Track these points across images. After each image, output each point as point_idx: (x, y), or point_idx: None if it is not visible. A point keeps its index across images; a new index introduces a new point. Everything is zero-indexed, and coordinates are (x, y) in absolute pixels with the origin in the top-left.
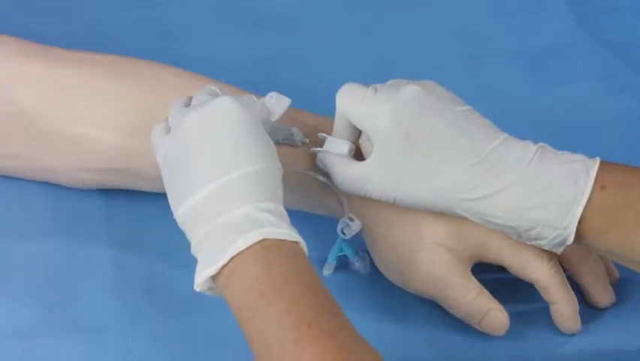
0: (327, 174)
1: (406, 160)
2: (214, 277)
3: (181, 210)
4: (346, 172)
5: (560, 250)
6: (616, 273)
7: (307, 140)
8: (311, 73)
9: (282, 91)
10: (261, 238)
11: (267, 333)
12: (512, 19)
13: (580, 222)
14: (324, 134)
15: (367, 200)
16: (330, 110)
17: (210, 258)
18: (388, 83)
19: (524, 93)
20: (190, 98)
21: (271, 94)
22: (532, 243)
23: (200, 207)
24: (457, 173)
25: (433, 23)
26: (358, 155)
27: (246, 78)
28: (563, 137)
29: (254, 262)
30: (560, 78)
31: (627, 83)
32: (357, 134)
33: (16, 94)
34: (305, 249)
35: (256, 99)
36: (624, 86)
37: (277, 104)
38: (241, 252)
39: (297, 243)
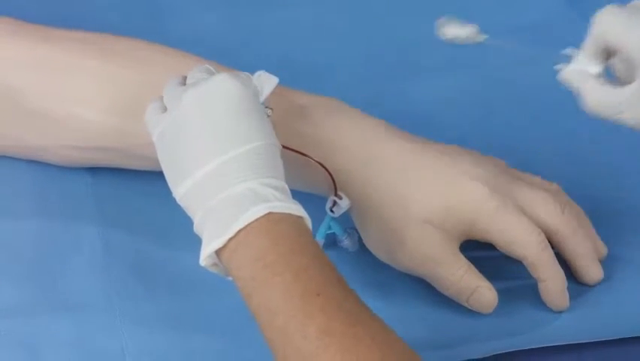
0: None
1: None
2: (219, 253)
3: (182, 187)
4: (601, 95)
5: None
6: (604, 249)
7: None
8: (298, 51)
9: (269, 69)
10: (267, 212)
11: (273, 303)
12: None
13: None
14: (571, 49)
15: (357, 178)
16: (319, 88)
17: (216, 231)
18: None
19: (512, 69)
20: (184, 78)
21: (259, 73)
22: None
23: (204, 183)
24: None
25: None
26: None
27: (232, 56)
28: (550, 115)
29: (261, 234)
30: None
31: None
32: (605, 60)
33: (4, 72)
34: (309, 224)
35: (251, 76)
36: None
37: (265, 82)
38: (248, 225)
39: (301, 218)
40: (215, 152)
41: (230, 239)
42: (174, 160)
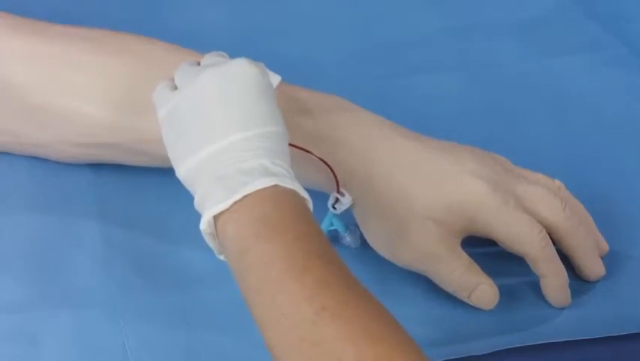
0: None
1: None
2: (217, 220)
3: (191, 161)
4: None
5: None
6: (605, 246)
7: None
8: (298, 46)
9: (270, 65)
10: (274, 184)
11: (271, 258)
12: None
13: None
14: None
15: (359, 175)
16: (320, 85)
17: (223, 195)
18: None
19: (513, 66)
20: (198, 62)
21: None
22: None
23: (215, 157)
24: None
25: None
26: None
27: (233, 53)
28: (552, 110)
29: (265, 199)
30: (550, 50)
31: (617, 56)
32: None
33: (4, 69)
34: (311, 207)
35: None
36: (614, 58)
37: None
38: (254, 192)
39: (305, 199)
40: (230, 130)
41: (235, 203)
42: (184, 134)
